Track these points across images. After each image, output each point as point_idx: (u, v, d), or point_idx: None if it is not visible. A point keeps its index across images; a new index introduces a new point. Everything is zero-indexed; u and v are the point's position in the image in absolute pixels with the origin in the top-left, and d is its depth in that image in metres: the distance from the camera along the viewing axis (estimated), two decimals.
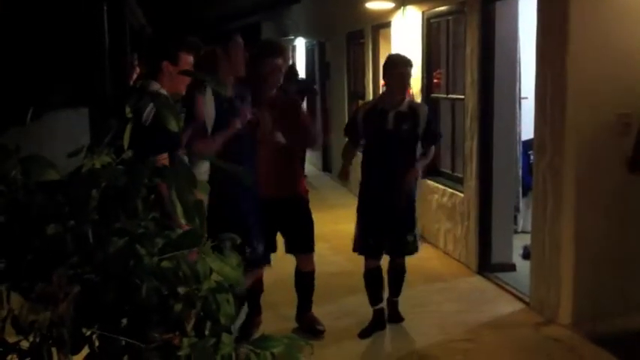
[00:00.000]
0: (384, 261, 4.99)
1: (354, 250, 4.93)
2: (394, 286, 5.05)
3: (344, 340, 4.80)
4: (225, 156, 3.66)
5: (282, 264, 4.91)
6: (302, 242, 4.79)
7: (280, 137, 4.51)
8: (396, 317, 5.05)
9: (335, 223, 7.43)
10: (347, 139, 5.07)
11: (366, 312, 5.02)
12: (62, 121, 5.91)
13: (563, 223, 4.81)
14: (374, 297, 4.91)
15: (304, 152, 4.86)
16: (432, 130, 4.93)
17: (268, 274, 4.86)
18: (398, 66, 4.72)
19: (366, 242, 4.84)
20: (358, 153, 5.13)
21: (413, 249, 4.87)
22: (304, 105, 12.01)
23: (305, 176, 5.02)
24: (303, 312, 4.94)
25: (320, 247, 4.88)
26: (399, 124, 4.69)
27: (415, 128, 4.73)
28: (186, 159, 3.35)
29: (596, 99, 4.70)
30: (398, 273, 5.02)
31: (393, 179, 4.71)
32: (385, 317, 4.95)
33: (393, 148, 4.71)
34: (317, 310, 4.96)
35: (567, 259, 4.81)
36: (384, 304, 4.95)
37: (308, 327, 4.86)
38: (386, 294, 5.05)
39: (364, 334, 4.84)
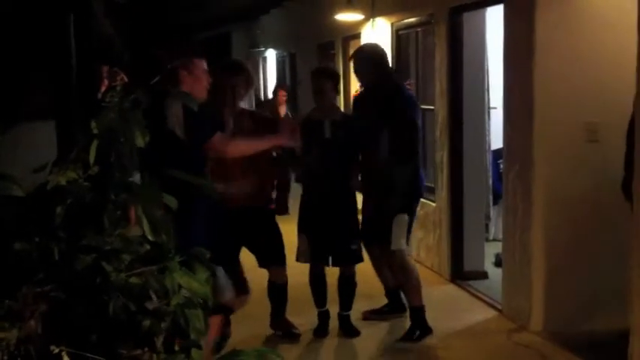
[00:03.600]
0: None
1: (297, 259, 4.93)
2: (344, 300, 4.98)
3: (317, 350, 4.81)
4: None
5: (256, 273, 4.88)
6: (274, 255, 4.75)
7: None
8: (351, 331, 4.98)
9: None
10: None
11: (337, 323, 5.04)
12: (29, 133, 5.82)
13: (533, 230, 4.86)
14: (319, 300, 4.98)
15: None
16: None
17: None
18: (316, 78, 4.95)
19: (310, 250, 4.85)
20: None
21: (358, 258, 4.91)
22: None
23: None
24: (278, 318, 4.95)
25: (291, 258, 4.87)
26: (336, 133, 4.78)
27: (351, 136, 4.80)
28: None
29: (563, 108, 4.77)
30: (348, 285, 4.96)
31: (334, 188, 4.80)
32: (329, 321, 5.01)
33: (332, 156, 4.77)
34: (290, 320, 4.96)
35: (538, 267, 4.86)
36: (328, 307, 5.00)
37: (283, 332, 4.91)
38: (336, 309, 5.02)
39: (317, 333, 4.96)
